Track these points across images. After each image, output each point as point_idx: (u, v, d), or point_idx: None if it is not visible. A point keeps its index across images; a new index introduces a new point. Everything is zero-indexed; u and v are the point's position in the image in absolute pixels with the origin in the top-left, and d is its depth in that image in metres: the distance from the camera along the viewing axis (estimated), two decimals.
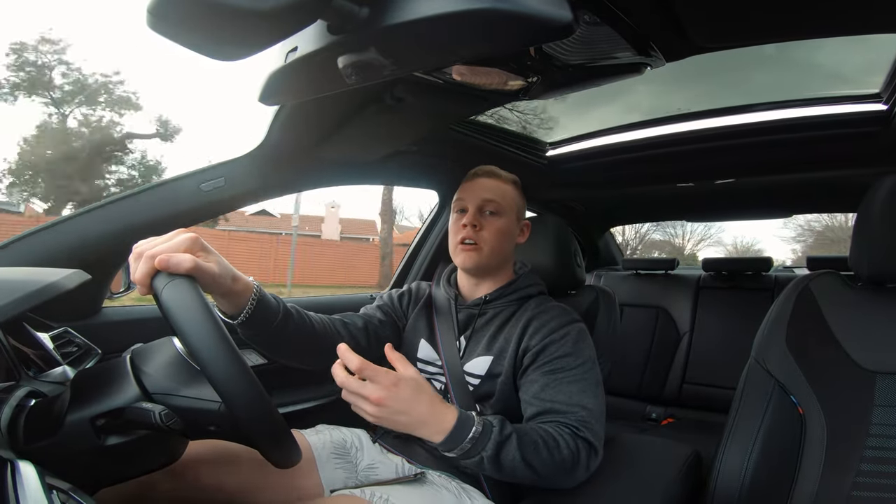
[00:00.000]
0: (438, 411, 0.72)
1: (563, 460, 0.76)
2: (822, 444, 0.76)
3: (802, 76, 1.20)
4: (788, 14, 0.71)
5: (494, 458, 0.72)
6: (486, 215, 0.97)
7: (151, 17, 0.40)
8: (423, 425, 0.71)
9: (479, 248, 0.96)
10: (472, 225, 0.96)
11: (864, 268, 0.81)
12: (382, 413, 0.68)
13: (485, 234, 0.96)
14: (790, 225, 17.25)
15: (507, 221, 0.98)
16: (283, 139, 0.99)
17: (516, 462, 0.73)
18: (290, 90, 0.67)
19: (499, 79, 0.78)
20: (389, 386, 0.68)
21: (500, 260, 0.99)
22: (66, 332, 0.83)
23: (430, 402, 0.72)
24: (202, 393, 0.56)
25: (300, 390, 1.28)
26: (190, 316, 0.53)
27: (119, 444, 0.55)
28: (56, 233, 0.90)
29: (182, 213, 1.00)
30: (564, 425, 0.79)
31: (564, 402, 0.82)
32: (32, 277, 0.53)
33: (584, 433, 0.79)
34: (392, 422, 0.70)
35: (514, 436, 0.74)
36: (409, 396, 0.69)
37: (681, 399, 2.00)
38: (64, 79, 10.66)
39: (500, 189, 0.99)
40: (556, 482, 0.78)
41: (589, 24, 0.66)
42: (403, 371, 0.72)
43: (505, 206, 0.98)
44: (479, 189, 0.98)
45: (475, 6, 0.42)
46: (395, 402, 0.68)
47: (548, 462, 0.75)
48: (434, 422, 0.71)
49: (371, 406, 0.68)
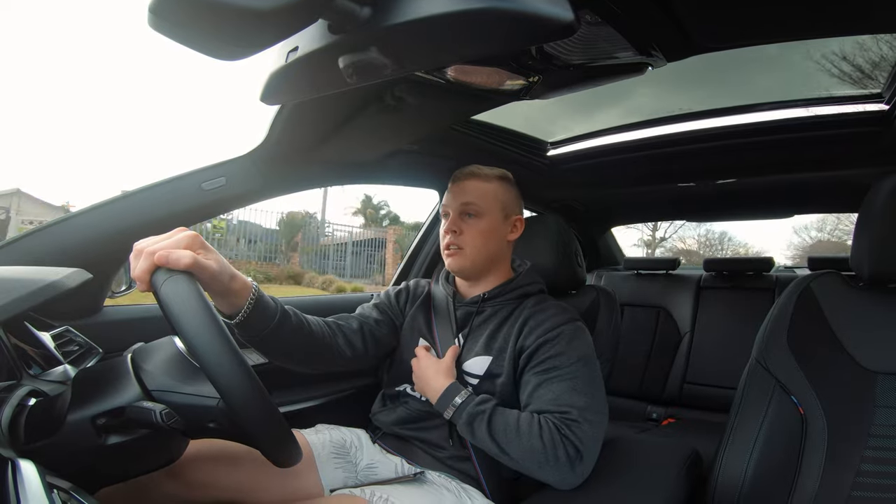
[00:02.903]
0: (439, 379, 0.90)
1: (534, 449, 0.77)
2: (823, 444, 0.76)
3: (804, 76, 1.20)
4: (790, 14, 0.71)
5: (468, 426, 0.84)
6: (467, 218, 0.98)
7: (153, 16, 0.40)
8: (429, 389, 0.91)
9: (462, 251, 0.97)
10: (452, 231, 0.97)
11: (865, 268, 0.81)
12: (416, 380, 0.94)
13: (466, 237, 0.97)
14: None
15: (490, 220, 0.98)
16: (284, 139, 0.99)
17: (485, 436, 0.82)
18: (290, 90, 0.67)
19: (500, 78, 0.78)
20: (420, 359, 0.96)
21: (486, 260, 0.99)
22: (67, 331, 0.83)
23: (436, 373, 0.91)
24: (201, 389, 0.56)
25: (300, 390, 1.28)
26: (189, 311, 0.52)
27: (120, 443, 0.55)
28: (57, 232, 0.90)
29: (183, 213, 1.00)
30: (552, 421, 0.80)
31: (552, 402, 0.82)
32: (33, 276, 0.53)
33: (567, 432, 0.78)
34: (419, 387, 0.94)
35: (487, 412, 0.84)
36: (424, 367, 0.93)
37: (681, 399, 2.00)
38: None
39: (479, 189, 0.99)
40: (533, 471, 0.80)
41: (590, 24, 0.66)
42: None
43: (485, 206, 0.98)
44: (459, 193, 0.99)
45: (476, 6, 0.42)
46: (419, 369, 0.94)
47: (516, 444, 0.79)
48: (433, 387, 0.90)
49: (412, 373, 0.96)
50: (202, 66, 44.35)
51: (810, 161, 1.42)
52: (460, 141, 1.31)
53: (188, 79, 44.02)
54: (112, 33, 42.02)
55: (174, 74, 42.86)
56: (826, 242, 15.34)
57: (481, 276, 1.01)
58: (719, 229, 16.63)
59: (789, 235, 17.99)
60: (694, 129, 1.39)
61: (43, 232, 0.89)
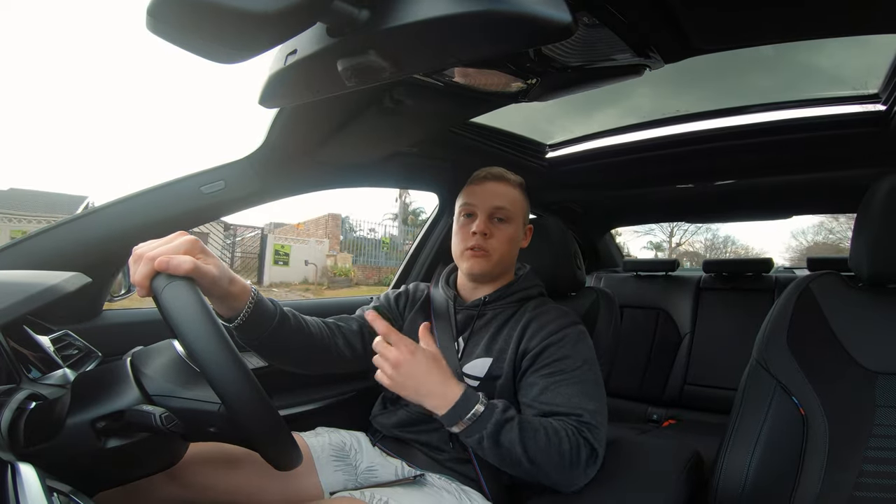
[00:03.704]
0: (447, 385, 0.76)
1: (563, 453, 0.75)
2: (824, 445, 0.76)
3: (801, 77, 1.20)
4: (787, 15, 0.71)
5: (494, 437, 0.74)
6: (496, 222, 0.96)
7: (151, 20, 0.40)
8: (431, 395, 0.75)
9: (489, 256, 0.95)
10: (482, 233, 0.95)
11: (865, 268, 0.81)
12: (397, 377, 0.75)
13: (494, 241, 0.95)
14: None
15: (515, 228, 0.98)
16: (283, 142, 0.99)
17: (514, 444, 0.74)
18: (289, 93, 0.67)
19: (498, 81, 0.78)
20: (407, 353, 0.75)
21: (506, 265, 1.00)
22: (66, 334, 0.84)
23: (441, 376, 0.76)
24: (202, 394, 0.56)
25: (299, 393, 1.28)
26: (189, 317, 0.53)
27: (119, 446, 0.55)
28: (56, 236, 0.90)
29: (182, 216, 1.00)
30: (571, 424, 0.79)
31: (564, 404, 0.82)
32: (33, 280, 0.53)
33: (587, 434, 0.79)
34: (403, 387, 0.75)
35: (516, 419, 0.76)
36: (423, 366, 0.75)
37: (682, 400, 1.99)
38: None
39: (509, 195, 0.98)
40: (551, 476, 0.77)
41: (588, 26, 0.66)
42: (425, 346, 0.78)
43: (514, 212, 0.98)
44: (489, 195, 0.97)
45: (474, 8, 0.42)
46: (410, 367, 0.75)
47: (545, 450, 0.75)
48: (440, 394, 0.75)
49: (389, 368, 0.75)
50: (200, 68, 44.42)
51: (808, 162, 1.43)
52: (459, 143, 1.32)
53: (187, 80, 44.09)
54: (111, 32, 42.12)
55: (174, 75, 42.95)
56: (821, 245, 15.61)
57: (492, 280, 1.01)
58: (723, 233, 17.31)
59: (787, 239, 18.54)
60: (692, 131, 1.40)
61: (42, 235, 0.89)
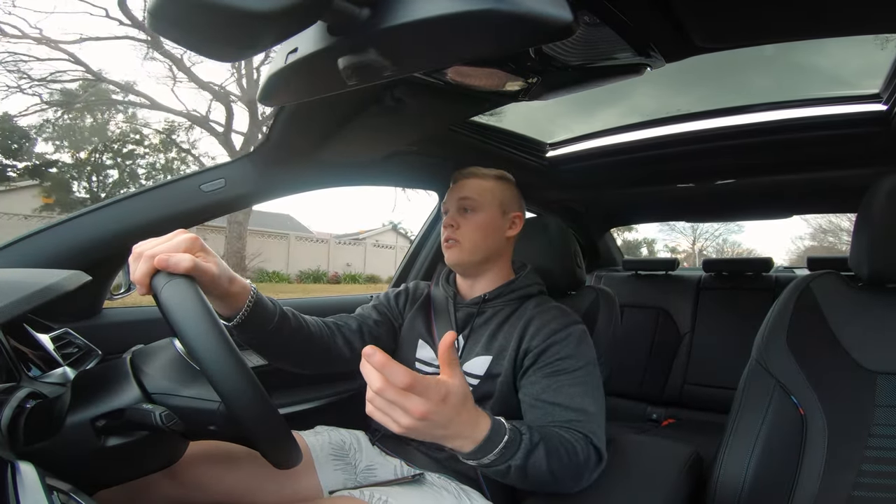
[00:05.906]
0: (477, 425, 0.64)
1: (578, 465, 0.74)
2: (824, 445, 0.76)
3: (802, 77, 1.20)
4: (788, 15, 0.71)
5: (522, 468, 0.67)
6: (464, 213, 0.99)
7: (152, 18, 0.40)
8: (457, 437, 0.62)
9: (460, 244, 0.98)
10: (450, 225, 0.99)
11: (865, 268, 0.81)
12: (421, 427, 0.57)
13: (463, 230, 0.98)
14: None
15: (487, 215, 0.99)
16: (284, 140, 0.99)
17: (542, 470, 0.69)
18: (290, 91, 0.67)
19: (499, 80, 0.78)
20: (438, 401, 0.58)
21: (484, 255, 0.99)
22: (66, 333, 0.84)
23: (470, 414, 0.63)
24: (202, 393, 0.56)
25: (299, 391, 1.28)
26: (189, 315, 0.53)
27: (119, 445, 0.55)
28: (56, 234, 0.90)
29: (182, 214, 1.00)
30: (576, 431, 0.78)
31: (566, 404, 0.81)
32: (32, 279, 0.53)
33: (596, 442, 0.78)
34: (425, 434, 0.60)
35: (541, 443, 0.70)
36: (453, 411, 0.60)
37: (681, 400, 2.00)
38: None
39: (477, 186, 1.00)
40: (562, 487, 0.76)
41: (589, 25, 0.66)
42: (452, 380, 0.61)
43: (482, 200, 0.99)
44: (457, 191, 1.01)
45: (475, 7, 0.42)
46: (440, 416, 0.58)
47: (567, 467, 0.72)
48: (468, 435, 0.63)
49: (409, 420, 0.57)
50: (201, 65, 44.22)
51: (809, 162, 1.43)
52: (460, 142, 1.32)
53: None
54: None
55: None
56: (818, 247, 15.95)
57: (480, 273, 1.01)
58: (731, 238, 18.80)
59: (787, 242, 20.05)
60: (693, 130, 1.40)
61: (42, 234, 0.89)
